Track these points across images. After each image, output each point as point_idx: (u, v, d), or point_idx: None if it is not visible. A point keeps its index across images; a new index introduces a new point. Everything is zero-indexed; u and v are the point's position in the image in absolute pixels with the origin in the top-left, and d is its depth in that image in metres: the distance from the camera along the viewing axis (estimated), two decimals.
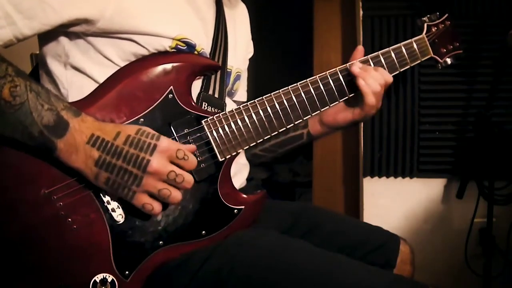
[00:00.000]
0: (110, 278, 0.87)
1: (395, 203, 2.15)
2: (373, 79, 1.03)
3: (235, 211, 0.97)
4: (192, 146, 0.90)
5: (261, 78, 1.83)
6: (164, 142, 0.83)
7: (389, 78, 1.07)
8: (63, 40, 0.89)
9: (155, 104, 0.90)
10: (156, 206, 0.85)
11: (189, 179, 0.85)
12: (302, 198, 3.15)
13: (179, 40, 0.92)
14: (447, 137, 2.07)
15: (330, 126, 1.17)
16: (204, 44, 0.98)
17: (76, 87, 0.91)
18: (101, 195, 0.86)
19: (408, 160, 2.09)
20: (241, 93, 1.23)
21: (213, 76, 1.00)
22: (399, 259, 1.13)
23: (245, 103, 0.97)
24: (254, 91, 1.23)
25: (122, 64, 0.91)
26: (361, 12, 2.05)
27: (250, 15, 1.25)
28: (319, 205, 1.95)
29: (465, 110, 2.03)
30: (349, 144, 2.24)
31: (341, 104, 1.10)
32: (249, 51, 1.25)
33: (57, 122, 0.80)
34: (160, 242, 0.90)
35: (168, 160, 0.83)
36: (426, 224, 2.16)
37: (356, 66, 1.04)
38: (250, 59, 1.27)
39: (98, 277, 0.86)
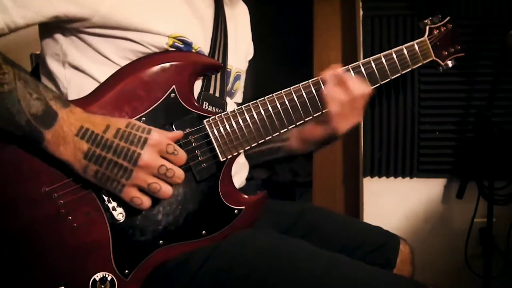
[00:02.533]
0: (109, 277, 0.87)
1: (395, 203, 2.15)
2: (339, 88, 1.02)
3: (236, 211, 0.97)
4: (179, 132, 0.89)
5: (261, 78, 1.83)
6: (155, 135, 0.82)
7: (365, 90, 1.04)
8: (61, 38, 0.89)
9: (157, 103, 0.90)
10: (146, 201, 0.84)
11: (179, 173, 0.84)
12: (302, 198, 3.15)
13: (175, 38, 0.92)
14: (447, 137, 2.07)
15: (306, 140, 1.14)
16: (200, 42, 0.98)
17: (75, 86, 0.91)
18: (102, 193, 0.86)
19: (408, 160, 2.09)
20: (238, 95, 1.23)
21: (213, 76, 1.00)
22: (399, 259, 1.13)
23: (247, 104, 0.97)
24: (254, 91, 1.22)
25: (120, 62, 0.90)
26: (361, 12, 2.05)
27: (251, 15, 1.25)
28: (319, 205, 1.95)
29: (465, 110, 2.03)
30: (349, 144, 2.24)
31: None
32: (249, 52, 1.25)
33: (46, 111, 0.79)
34: (160, 242, 0.90)
35: (159, 154, 0.83)
36: (426, 224, 2.15)
37: (328, 73, 1.03)
38: (249, 61, 1.26)
39: (97, 276, 0.86)
